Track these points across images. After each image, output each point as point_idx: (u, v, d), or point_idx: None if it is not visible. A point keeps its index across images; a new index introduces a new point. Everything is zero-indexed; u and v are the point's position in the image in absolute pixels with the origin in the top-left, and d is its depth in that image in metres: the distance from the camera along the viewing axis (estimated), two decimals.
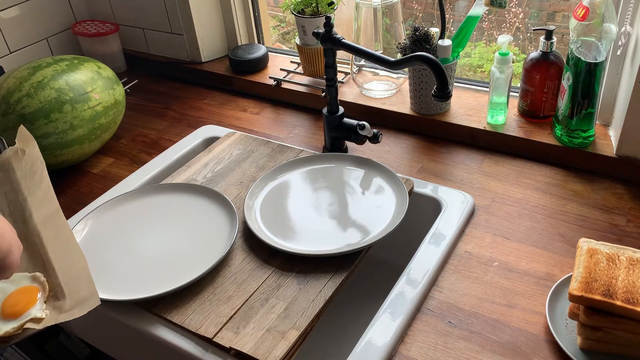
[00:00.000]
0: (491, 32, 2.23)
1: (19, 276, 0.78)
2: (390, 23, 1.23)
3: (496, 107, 1.14)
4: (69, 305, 0.75)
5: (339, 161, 1.09)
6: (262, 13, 1.56)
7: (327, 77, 1.08)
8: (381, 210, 0.97)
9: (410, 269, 0.87)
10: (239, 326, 0.79)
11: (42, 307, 0.76)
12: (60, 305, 0.76)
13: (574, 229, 0.94)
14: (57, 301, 0.76)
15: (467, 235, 0.95)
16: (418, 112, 1.22)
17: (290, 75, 1.42)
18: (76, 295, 0.76)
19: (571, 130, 1.06)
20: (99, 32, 1.53)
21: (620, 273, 0.73)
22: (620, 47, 1.00)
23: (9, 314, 0.74)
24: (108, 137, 1.25)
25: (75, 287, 0.77)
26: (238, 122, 1.33)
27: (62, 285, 0.78)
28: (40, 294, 0.77)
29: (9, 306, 0.75)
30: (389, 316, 0.80)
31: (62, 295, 0.77)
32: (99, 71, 1.22)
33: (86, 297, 0.76)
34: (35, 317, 0.74)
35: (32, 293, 0.76)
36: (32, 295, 0.76)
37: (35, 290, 0.77)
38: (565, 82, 1.04)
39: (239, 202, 1.02)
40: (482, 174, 1.08)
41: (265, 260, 0.90)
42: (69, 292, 0.77)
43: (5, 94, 1.09)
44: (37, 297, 0.76)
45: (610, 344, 0.72)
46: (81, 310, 0.75)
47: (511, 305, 0.82)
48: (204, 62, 1.53)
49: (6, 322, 0.73)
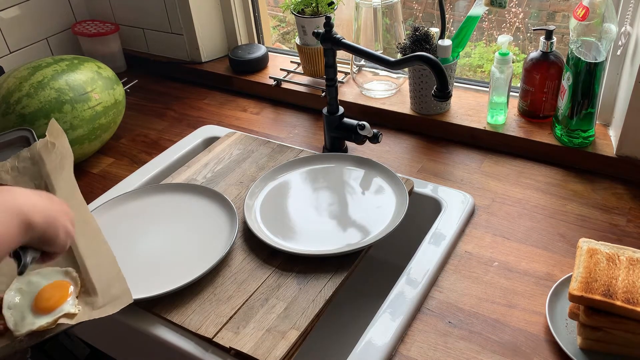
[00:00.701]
0: (491, 32, 2.23)
1: (51, 270, 0.78)
2: (390, 23, 1.23)
3: (496, 107, 1.14)
4: (102, 302, 0.75)
5: (339, 161, 1.09)
6: (262, 13, 1.56)
7: (327, 77, 1.08)
8: (381, 210, 0.97)
9: (410, 269, 0.87)
10: (239, 326, 0.79)
11: (74, 303, 0.75)
12: (93, 301, 0.75)
13: (574, 229, 0.94)
14: (89, 297, 0.76)
15: (467, 235, 0.95)
16: (418, 112, 1.22)
17: (290, 75, 1.42)
18: (108, 292, 0.76)
19: (571, 130, 1.06)
20: (99, 32, 1.53)
21: (620, 273, 0.73)
22: (620, 47, 1.00)
23: (42, 309, 0.73)
24: (108, 137, 1.25)
25: (107, 284, 0.77)
26: (238, 122, 1.33)
27: (93, 282, 0.77)
28: (73, 289, 0.76)
29: (42, 300, 0.74)
30: (389, 316, 0.80)
31: (93, 291, 0.76)
32: (99, 71, 1.22)
33: (118, 295, 0.76)
34: (68, 312, 0.73)
35: (65, 288, 0.76)
36: (64, 290, 0.75)
37: (67, 285, 0.76)
38: (565, 82, 1.04)
39: (239, 202, 1.01)
40: (482, 174, 1.08)
41: (265, 260, 0.90)
42: (101, 289, 0.76)
43: (5, 94, 1.09)
44: (69, 292, 0.75)
45: (610, 344, 0.72)
46: (114, 307, 0.74)
47: (511, 305, 0.82)
48: (204, 62, 1.53)
49: (40, 317, 0.72)
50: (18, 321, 0.72)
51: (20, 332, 0.71)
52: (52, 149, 0.88)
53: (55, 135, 0.89)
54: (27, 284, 0.76)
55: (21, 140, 0.90)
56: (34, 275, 0.77)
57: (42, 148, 0.87)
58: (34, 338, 0.71)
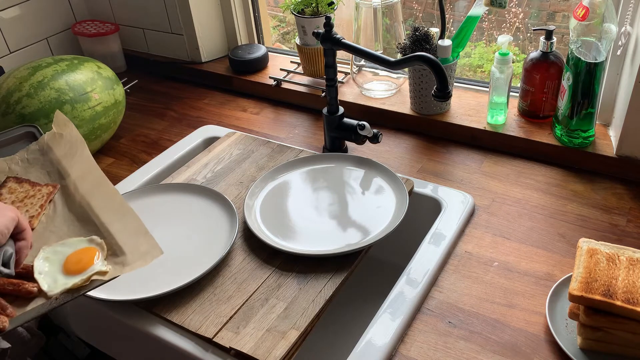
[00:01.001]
0: (491, 32, 2.23)
1: (75, 240, 0.79)
2: (390, 23, 1.23)
3: (496, 107, 1.14)
4: (131, 259, 0.76)
5: (339, 161, 1.09)
6: (262, 13, 1.56)
7: (327, 77, 1.08)
8: (381, 210, 0.97)
9: (410, 269, 0.87)
10: (239, 326, 0.79)
11: (104, 263, 0.76)
12: (122, 260, 0.76)
13: (574, 229, 0.94)
14: (117, 257, 0.77)
15: (467, 235, 0.95)
16: (418, 112, 1.22)
17: (290, 75, 1.42)
18: (137, 250, 0.77)
19: (571, 130, 1.06)
20: (99, 32, 1.53)
21: (620, 273, 0.73)
22: (620, 47, 1.00)
23: (73, 271, 0.75)
24: (108, 137, 1.25)
25: (134, 243, 0.78)
26: (238, 122, 1.33)
27: (119, 244, 0.78)
28: (99, 253, 0.77)
29: (71, 264, 0.75)
30: (389, 316, 0.80)
31: (121, 252, 0.77)
32: (99, 71, 1.22)
33: (147, 250, 0.76)
34: (99, 270, 0.74)
35: (92, 251, 0.77)
36: (92, 254, 0.77)
37: (94, 249, 0.78)
38: (565, 82, 1.04)
39: (239, 202, 1.01)
40: (482, 174, 1.08)
41: (265, 260, 0.90)
42: (128, 249, 0.77)
43: (5, 94, 1.09)
44: (96, 255, 0.77)
45: (610, 344, 0.72)
46: (144, 261, 0.75)
47: (511, 305, 0.82)
48: (204, 62, 1.53)
49: (72, 277, 0.74)
50: (51, 283, 0.73)
51: (55, 292, 0.72)
52: (60, 139, 0.89)
53: (61, 126, 0.91)
54: (53, 253, 0.77)
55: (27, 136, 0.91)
56: (58, 245, 0.78)
57: (49, 139, 0.89)
58: (69, 295, 0.73)
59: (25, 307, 0.71)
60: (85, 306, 0.90)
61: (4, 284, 0.71)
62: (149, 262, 0.75)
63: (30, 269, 0.74)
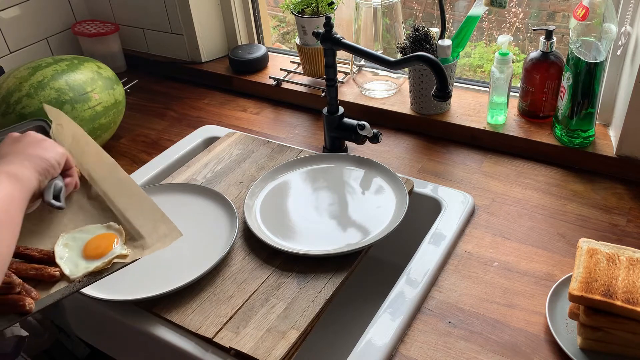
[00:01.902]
0: (491, 32, 2.23)
1: (93, 227, 0.80)
2: (390, 23, 1.23)
3: (496, 107, 1.14)
4: (150, 242, 0.77)
5: (339, 161, 1.09)
6: (262, 13, 1.56)
7: (327, 77, 1.08)
8: (381, 210, 0.97)
9: (410, 269, 0.87)
10: (239, 326, 0.79)
11: (123, 247, 0.77)
12: (142, 244, 0.77)
13: (574, 229, 0.94)
14: (136, 241, 0.78)
15: (467, 235, 0.95)
16: (418, 112, 1.22)
17: (290, 75, 1.42)
18: (155, 233, 0.78)
19: (571, 130, 1.06)
20: (99, 32, 1.53)
21: (620, 273, 0.73)
22: (620, 47, 1.00)
23: (94, 256, 0.76)
24: (108, 137, 1.25)
25: (153, 227, 0.79)
26: (238, 122, 1.33)
27: (137, 229, 0.79)
28: (118, 238, 0.78)
29: (91, 249, 0.76)
30: (389, 316, 0.80)
31: (139, 236, 0.78)
32: (99, 71, 1.22)
33: (166, 233, 0.77)
34: (120, 254, 0.76)
35: (110, 237, 0.78)
36: (111, 239, 0.78)
37: (112, 235, 0.79)
38: (565, 82, 1.04)
39: (239, 202, 1.01)
40: (482, 174, 1.08)
41: (265, 260, 0.90)
42: (147, 232, 0.78)
43: (5, 94, 1.09)
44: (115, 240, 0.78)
45: (610, 344, 0.72)
46: (164, 243, 0.76)
47: (511, 305, 0.82)
48: (204, 62, 1.53)
49: (93, 261, 0.75)
50: (72, 268, 0.74)
51: (77, 275, 0.73)
52: (62, 129, 0.91)
53: (57, 117, 0.92)
54: (72, 239, 0.78)
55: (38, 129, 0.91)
56: (76, 232, 0.79)
57: (55, 133, 0.91)
58: (91, 278, 0.74)
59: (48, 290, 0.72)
60: (85, 306, 0.90)
61: (26, 269, 0.72)
62: (169, 244, 0.76)
63: (52, 254, 0.75)
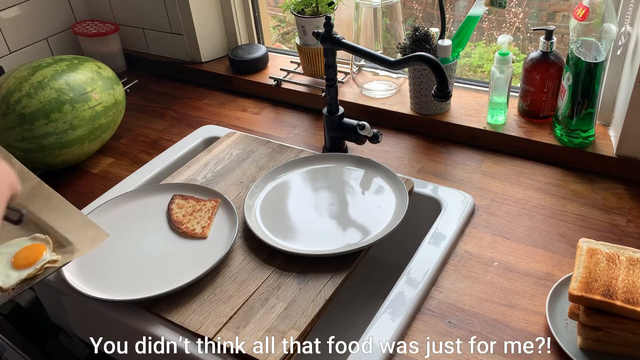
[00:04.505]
0: (491, 32, 2.23)
1: (18, 241, 0.81)
2: (390, 23, 1.23)
3: (496, 107, 1.14)
4: (79, 246, 0.78)
5: (339, 161, 1.09)
6: (262, 13, 1.56)
7: (327, 77, 1.08)
8: (381, 210, 0.97)
9: (410, 269, 0.87)
10: (239, 326, 0.79)
11: (52, 254, 0.79)
12: (70, 249, 0.79)
13: (574, 229, 0.94)
14: (65, 247, 0.79)
15: (467, 235, 0.95)
16: (418, 112, 1.22)
17: (290, 75, 1.42)
18: (83, 237, 0.79)
19: (571, 130, 1.06)
20: (99, 32, 1.53)
21: (620, 273, 0.73)
22: (620, 47, 1.00)
23: (24, 265, 0.77)
24: (108, 137, 1.25)
25: (80, 233, 0.80)
26: (238, 122, 1.33)
27: (64, 236, 0.80)
28: (47, 247, 0.80)
29: (21, 259, 0.78)
30: (389, 316, 0.80)
31: (67, 243, 0.80)
32: (99, 71, 1.22)
33: (95, 236, 0.79)
34: (50, 260, 0.77)
35: (39, 247, 0.80)
36: (40, 248, 0.79)
37: (41, 245, 0.80)
38: (565, 82, 1.04)
39: (239, 202, 1.01)
40: (482, 174, 1.08)
41: (265, 260, 0.90)
42: (74, 238, 0.80)
43: (5, 94, 1.09)
44: (44, 248, 0.79)
45: (610, 344, 0.72)
46: (93, 245, 0.77)
47: (511, 305, 0.82)
48: (204, 62, 1.53)
49: (24, 270, 0.77)
50: (4, 279, 0.76)
51: (10, 284, 0.75)
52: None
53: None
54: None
55: None
56: (2, 247, 0.81)
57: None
58: (25, 284, 0.76)
59: None
60: (85, 306, 0.90)
61: None
62: (98, 245, 0.77)
63: None
